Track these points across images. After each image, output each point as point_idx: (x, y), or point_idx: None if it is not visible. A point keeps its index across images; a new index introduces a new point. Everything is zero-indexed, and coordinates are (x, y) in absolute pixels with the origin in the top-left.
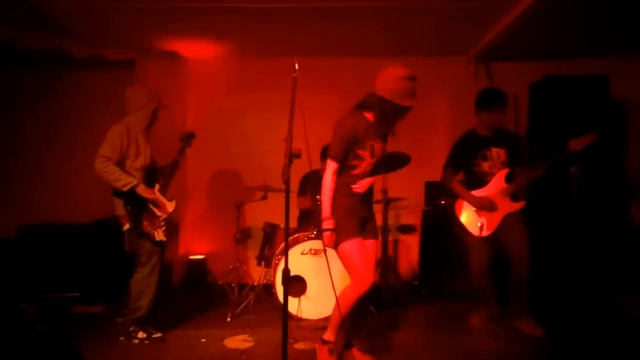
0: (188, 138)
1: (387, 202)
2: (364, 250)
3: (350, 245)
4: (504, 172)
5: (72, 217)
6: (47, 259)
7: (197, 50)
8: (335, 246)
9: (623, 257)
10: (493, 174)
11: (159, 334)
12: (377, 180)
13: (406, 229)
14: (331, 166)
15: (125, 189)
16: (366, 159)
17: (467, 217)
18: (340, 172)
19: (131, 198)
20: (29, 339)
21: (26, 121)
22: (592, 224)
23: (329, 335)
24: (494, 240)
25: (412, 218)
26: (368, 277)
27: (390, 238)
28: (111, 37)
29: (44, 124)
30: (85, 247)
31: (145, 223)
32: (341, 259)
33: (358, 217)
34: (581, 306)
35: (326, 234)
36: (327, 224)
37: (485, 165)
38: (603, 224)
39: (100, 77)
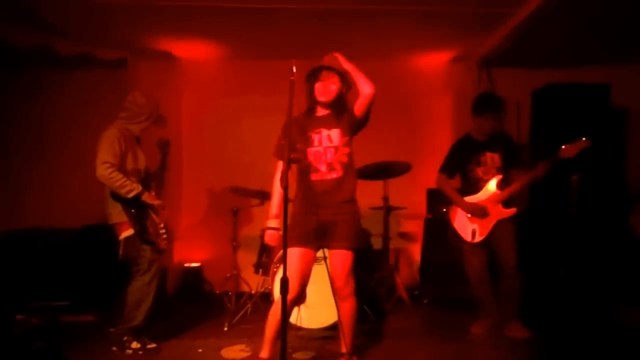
0: (165, 145)
1: (388, 209)
2: (296, 260)
3: (288, 253)
4: (497, 178)
5: (60, 222)
6: (34, 266)
7: (192, 51)
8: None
9: (623, 266)
10: (487, 180)
11: (153, 345)
12: (378, 187)
13: (407, 237)
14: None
15: (130, 195)
16: (302, 149)
17: (460, 223)
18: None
19: (133, 205)
20: (24, 357)
21: (11, 122)
22: (593, 232)
23: (262, 352)
24: (490, 247)
25: (414, 226)
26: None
27: (392, 246)
28: (102, 36)
29: (30, 125)
30: (74, 253)
31: (151, 230)
32: None
33: (305, 224)
34: (581, 315)
35: (267, 232)
36: (270, 222)
37: (480, 171)
38: (603, 233)
39: (90, 76)
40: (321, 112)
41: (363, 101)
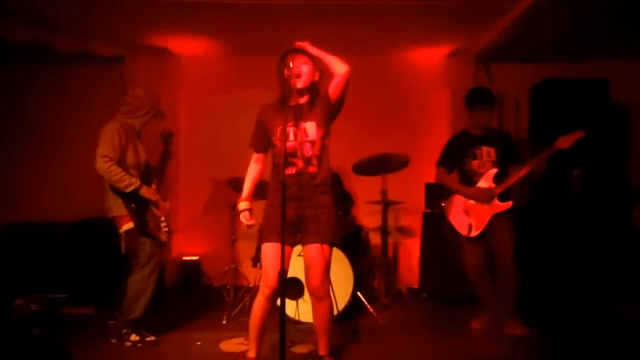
0: (168, 137)
1: (387, 204)
2: (272, 255)
3: (263, 248)
4: (492, 172)
5: (59, 216)
6: (32, 259)
7: (189, 47)
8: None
9: (625, 261)
10: (482, 174)
11: (152, 338)
12: (376, 181)
13: (406, 232)
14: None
15: (128, 190)
16: (277, 144)
17: (456, 217)
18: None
19: (133, 199)
20: (21, 343)
21: (8, 117)
22: (594, 227)
23: (250, 352)
24: (487, 242)
25: (412, 220)
26: (266, 283)
27: (390, 241)
28: (99, 32)
29: (28, 120)
30: (73, 246)
31: (151, 224)
32: None
33: (279, 217)
34: (584, 310)
35: (241, 214)
36: (240, 205)
37: (475, 164)
38: (605, 228)
39: (87, 73)
40: (295, 100)
41: (339, 81)
